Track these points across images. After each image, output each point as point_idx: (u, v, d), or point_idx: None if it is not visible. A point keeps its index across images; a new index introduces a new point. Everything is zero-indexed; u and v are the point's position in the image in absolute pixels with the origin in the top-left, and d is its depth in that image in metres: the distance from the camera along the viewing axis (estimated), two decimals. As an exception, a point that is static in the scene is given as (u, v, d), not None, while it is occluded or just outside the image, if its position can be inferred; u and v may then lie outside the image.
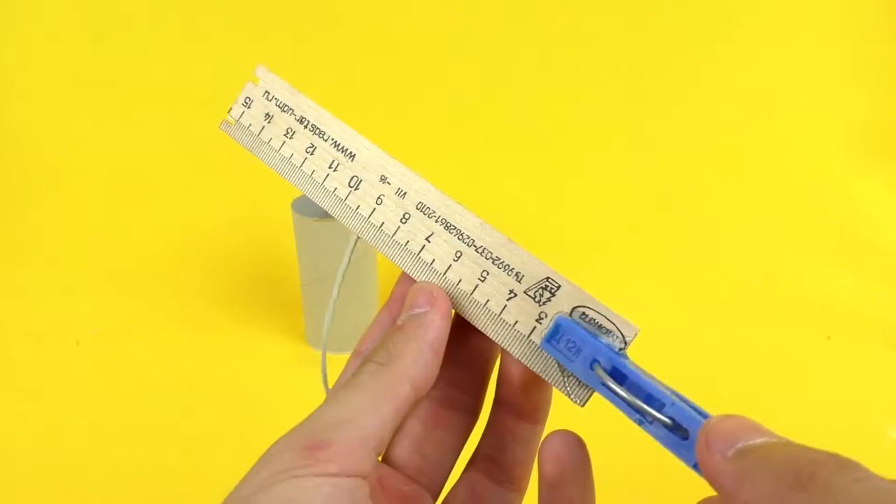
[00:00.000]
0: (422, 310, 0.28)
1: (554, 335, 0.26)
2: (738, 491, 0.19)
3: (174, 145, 0.91)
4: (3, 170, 0.89)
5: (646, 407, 0.23)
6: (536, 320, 0.27)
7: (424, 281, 0.29)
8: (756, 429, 0.20)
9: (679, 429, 0.23)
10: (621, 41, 0.91)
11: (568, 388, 0.26)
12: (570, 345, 0.26)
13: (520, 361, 0.28)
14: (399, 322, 0.28)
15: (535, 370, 0.27)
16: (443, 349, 0.28)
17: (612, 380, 0.24)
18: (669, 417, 0.23)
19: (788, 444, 0.19)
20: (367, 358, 0.27)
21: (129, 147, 0.91)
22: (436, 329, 0.28)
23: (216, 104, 0.86)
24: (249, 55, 0.93)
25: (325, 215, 0.62)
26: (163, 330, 0.72)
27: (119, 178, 0.90)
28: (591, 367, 0.25)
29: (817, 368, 0.69)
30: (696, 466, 0.21)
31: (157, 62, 0.92)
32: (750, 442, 0.20)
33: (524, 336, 0.27)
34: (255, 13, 0.92)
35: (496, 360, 0.31)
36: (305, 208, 0.64)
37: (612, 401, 0.24)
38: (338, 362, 0.51)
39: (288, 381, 0.65)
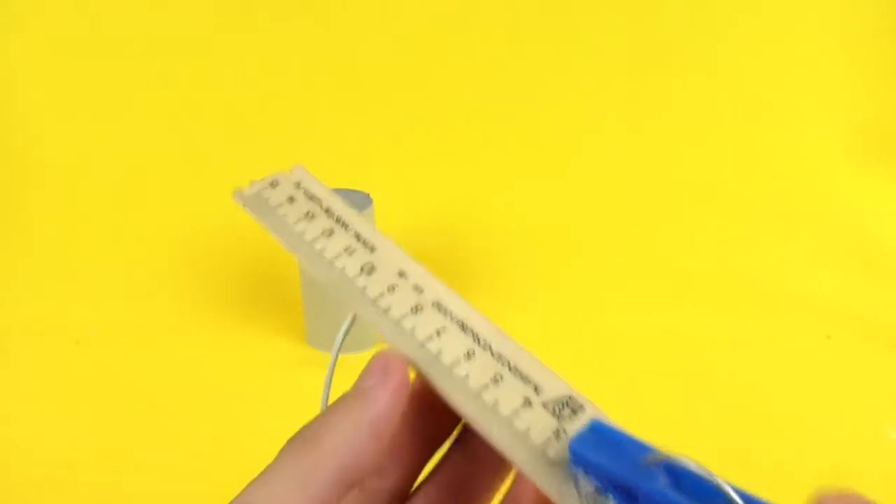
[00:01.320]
0: (370, 383, 0.24)
1: (587, 436, 0.23)
2: None
3: (172, 144, 0.91)
4: (2, 169, 0.89)
5: (732, 493, 0.20)
6: (554, 433, 0.24)
7: (387, 350, 0.26)
8: None
9: None
10: (621, 40, 0.91)
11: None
12: (606, 442, 0.23)
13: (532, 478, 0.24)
14: (344, 392, 0.25)
15: (545, 489, 0.23)
16: (388, 431, 0.24)
17: (682, 460, 0.21)
18: None
19: None
20: (300, 428, 0.24)
21: (128, 146, 0.91)
22: (380, 406, 0.24)
23: (213, 102, 0.91)
24: (246, 52, 0.93)
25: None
26: (162, 330, 0.73)
27: (117, 177, 0.90)
28: (637, 462, 0.22)
29: (817, 368, 0.68)
30: None
31: (155, 61, 0.92)
32: None
33: (536, 446, 0.24)
34: (252, 12, 0.92)
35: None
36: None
37: None
38: (346, 364, 0.48)
39: (289, 383, 0.65)
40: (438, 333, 0.26)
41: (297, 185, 0.31)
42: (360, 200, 0.65)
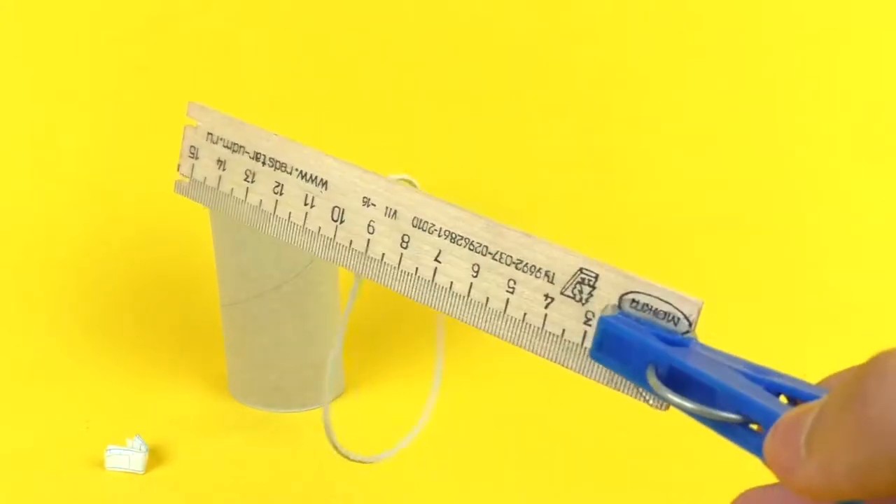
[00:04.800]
0: None
1: (603, 342, 0.25)
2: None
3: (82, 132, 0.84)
4: None
5: (714, 412, 0.22)
6: (585, 323, 0.26)
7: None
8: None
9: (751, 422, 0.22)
10: (625, 36, 0.92)
11: (644, 395, 0.24)
12: (621, 348, 0.25)
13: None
14: None
15: (602, 383, 0.26)
16: None
17: (668, 389, 0.23)
18: (738, 413, 0.22)
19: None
20: None
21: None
22: None
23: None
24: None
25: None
26: (39, 374, 0.66)
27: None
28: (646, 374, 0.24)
29: (823, 371, 0.65)
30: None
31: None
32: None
33: (578, 346, 0.26)
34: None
35: None
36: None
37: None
38: (271, 422, 0.56)
39: (206, 451, 0.57)
40: (437, 259, 0.29)
41: (213, 139, 0.34)
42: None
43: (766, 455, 0.20)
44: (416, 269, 0.30)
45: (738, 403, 0.22)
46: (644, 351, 0.24)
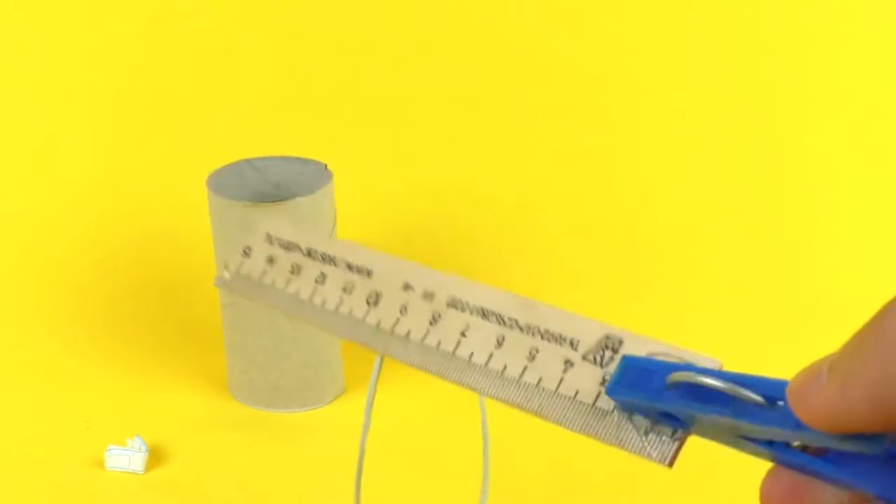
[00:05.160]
0: None
1: (623, 376, 0.25)
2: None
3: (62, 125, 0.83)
4: None
5: (742, 391, 0.22)
6: (601, 384, 0.26)
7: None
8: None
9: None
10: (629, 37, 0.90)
11: (648, 449, 0.24)
12: (641, 376, 0.25)
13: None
14: None
15: (606, 441, 0.25)
16: None
17: (700, 373, 0.22)
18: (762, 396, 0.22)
19: None
20: None
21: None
22: None
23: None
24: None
25: (260, 198, 0.56)
26: (37, 376, 0.65)
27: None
28: (665, 385, 0.24)
29: None
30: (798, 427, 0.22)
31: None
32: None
33: (589, 406, 0.26)
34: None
35: None
36: (229, 186, 0.55)
37: (702, 413, 0.23)
38: (271, 422, 0.56)
39: (206, 451, 0.57)
40: (464, 334, 0.29)
41: (269, 239, 0.34)
42: (315, 173, 0.58)
43: (789, 391, 0.20)
44: (439, 343, 0.29)
45: (761, 387, 0.22)
46: (665, 370, 0.24)
